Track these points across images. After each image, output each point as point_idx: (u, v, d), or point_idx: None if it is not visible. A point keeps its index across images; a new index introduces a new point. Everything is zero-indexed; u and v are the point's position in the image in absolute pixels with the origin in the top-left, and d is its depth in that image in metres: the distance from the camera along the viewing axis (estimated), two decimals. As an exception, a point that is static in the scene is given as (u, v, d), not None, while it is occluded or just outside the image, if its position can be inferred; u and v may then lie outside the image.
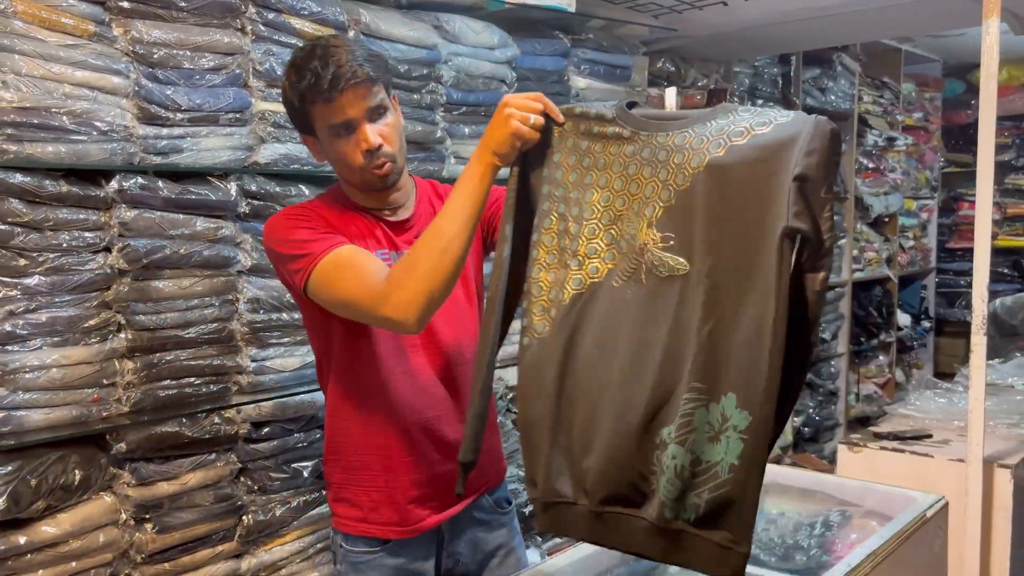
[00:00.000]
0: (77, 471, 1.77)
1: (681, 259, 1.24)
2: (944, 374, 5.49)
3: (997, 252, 5.31)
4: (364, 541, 1.68)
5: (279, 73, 2.05)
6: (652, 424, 1.24)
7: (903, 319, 5.32)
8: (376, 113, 1.54)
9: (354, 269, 1.48)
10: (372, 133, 1.53)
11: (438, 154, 2.43)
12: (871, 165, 4.85)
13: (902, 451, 2.70)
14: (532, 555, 2.75)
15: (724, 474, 1.19)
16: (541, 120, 1.37)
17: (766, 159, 1.18)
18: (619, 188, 1.32)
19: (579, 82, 2.83)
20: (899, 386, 5.24)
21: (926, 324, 5.62)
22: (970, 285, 5.59)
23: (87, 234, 1.80)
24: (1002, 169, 5.55)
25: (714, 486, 1.19)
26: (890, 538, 1.90)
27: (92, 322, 1.81)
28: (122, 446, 1.83)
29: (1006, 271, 5.58)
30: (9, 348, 1.71)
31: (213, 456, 1.99)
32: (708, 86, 3.60)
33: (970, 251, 5.55)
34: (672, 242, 1.25)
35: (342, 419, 1.69)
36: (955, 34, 4.48)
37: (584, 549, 1.77)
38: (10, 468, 1.68)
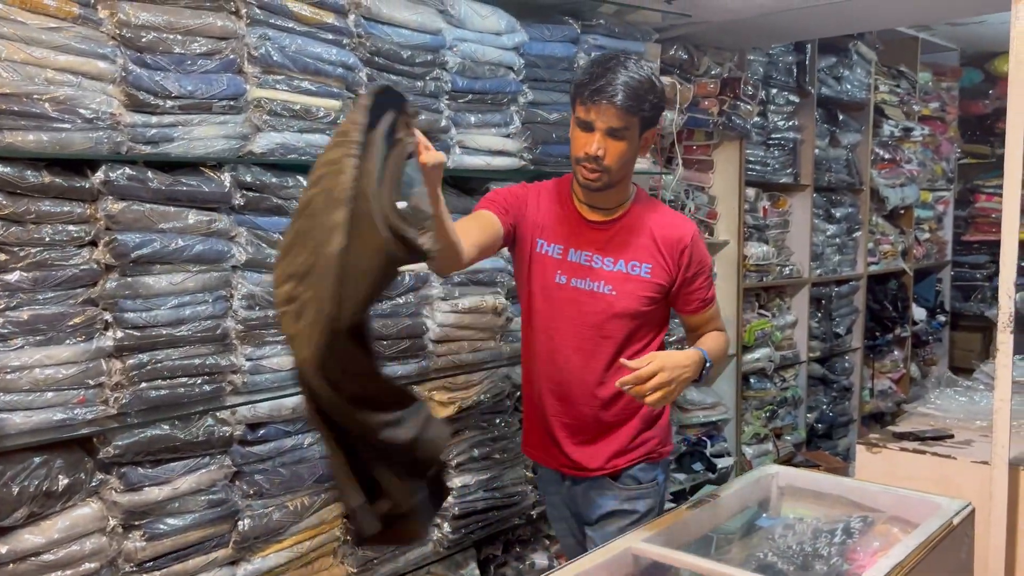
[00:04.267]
0: (61, 476, 1.69)
1: None
2: (960, 369, 5.40)
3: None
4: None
5: (275, 59, 1.97)
6: None
7: (918, 313, 5.22)
8: (615, 133, 1.78)
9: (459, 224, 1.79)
10: (599, 143, 1.78)
11: (443, 143, 2.33)
12: (887, 156, 4.74)
13: (923, 452, 2.61)
14: (540, 558, 2.67)
15: None
16: None
17: None
18: None
19: (589, 69, 2.73)
20: (914, 381, 5.15)
21: (941, 318, 5.52)
22: (986, 279, 5.54)
23: (71, 227, 1.72)
24: None
25: None
26: (916, 547, 1.81)
27: (77, 320, 1.73)
28: (109, 450, 1.76)
29: (1026, 265, 5.47)
30: (-11, 347, 1.63)
31: (206, 459, 1.91)
32: (722, 75, 3.50)
33: (986, 244, 5.51)
34: None
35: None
36: (973, 22, 4.37)
37: (595, 557, 1.70)
38: (-10, 474, 1.60)
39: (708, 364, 1.82)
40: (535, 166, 2.57)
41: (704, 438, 3.61)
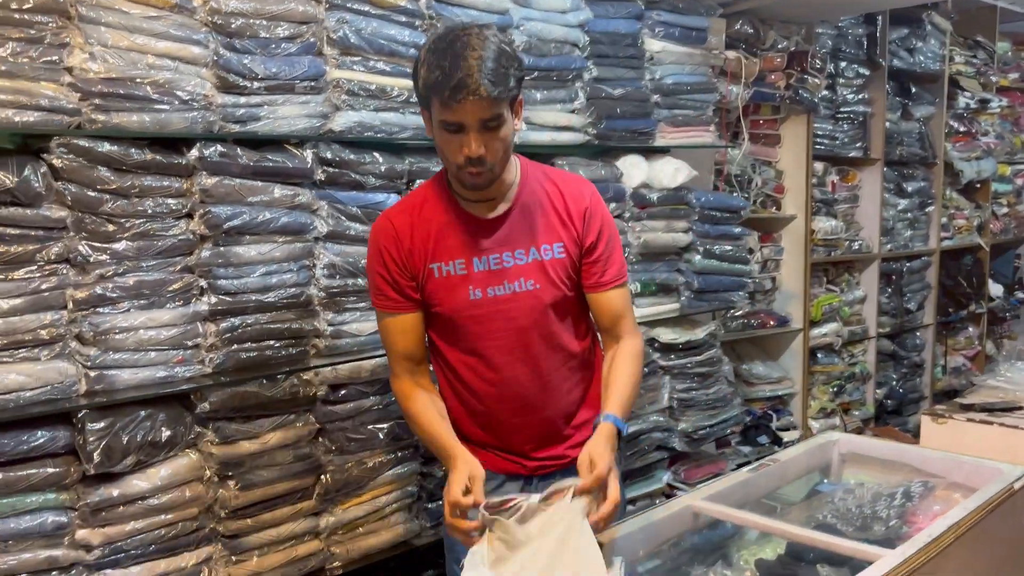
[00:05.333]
0: (164, 429, 1.85)
1: None
2: (1039, 347, 5.27)
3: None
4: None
5: (352, 41, 2.08)
6: None
7: (995, 289, 5.10)
8: (489, 124, 1.51)
9: (386, 343, 1.71)
10: (477, 143, 1.51)
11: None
12: (962, 129, 4.64)
13: (990, 423, 2.60)
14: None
15: None
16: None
17: None
18: None
19: (654, 45, 2.78)
20: (990, 359, 5.04)
21: (1020, 294, 5.38)
22: (1069, 253, 5.36)
23: (170, 201, 1.86)
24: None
25: None
26: (974, 510, 1.83)
27: (176, 286, 1.88)
28: (205, 406, 1.90)
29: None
30: (100, 310, 1.79)
31: (292, 417, 2.05)
32: (789, 48, 3.50)
33: (1069, 218, 5.33)
34: None
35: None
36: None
37: (656, 512, 1.76)
38: (102, 424, 1.76)
39: (624, 433, 1.60)
40: (599, 140, 2.63)
41: (770, 412, 3.64)
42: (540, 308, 1.66)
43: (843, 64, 3.87)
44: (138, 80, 1.78)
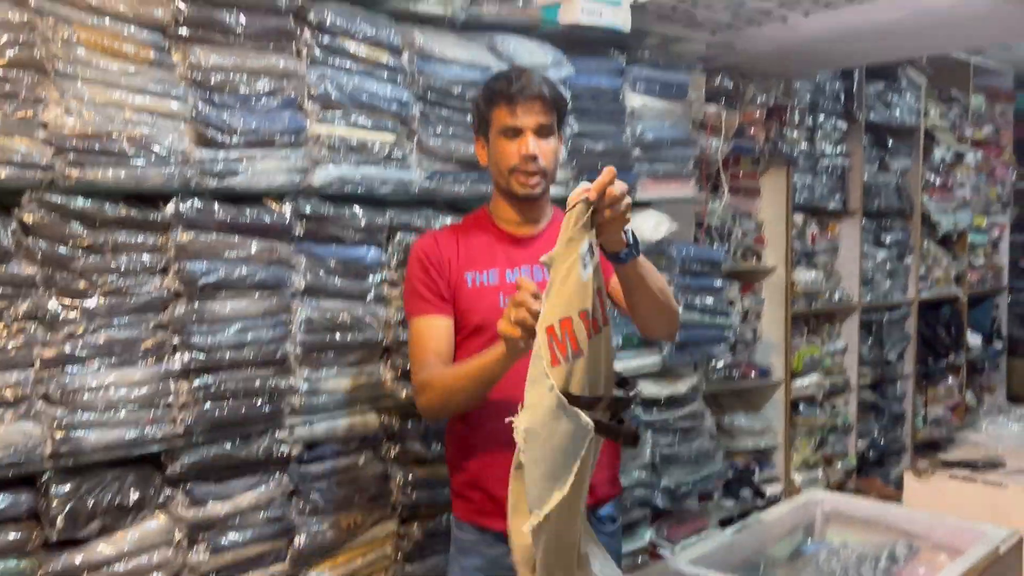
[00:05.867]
0: (132, 491, 1.79)
1: None
2: (1018, 397, 5.29)
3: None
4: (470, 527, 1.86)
5: (334, 96, 2.07)
6: None
7: (973, 340, 5.14)
8: (544, 131, 1.77)
9: (416, 347, 1.81)
10: (534, 144, 1.75)
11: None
12: (938, 181, 4.70)
13: (973, 480, 2.60)
14: None
15: None
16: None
17: None
18: None
19: (635, 100, 2.80)
20: (970, 410, 5.05)
21: (998, 345, 5.42)
22: (1046, 305, 5.42)
23: (145, 256, 1.83)
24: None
25: None
26: (960, 575, 1.82)
27: (149, 343, 1.84)
28: (177, 467, 1.85)
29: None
30: (69, 369, 1.74)
31: (266, 477, 2.00)
32: (768, 102, 3.54)
33: (1044, 270, 5.40)
34: None
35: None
36: (1027, 45, 4.33)
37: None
38: (68, 487, 1.71)
39: (636, 253, 1.60)
40: (582, 195, 2.63)
41: (752, 465, 3.61)
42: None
43: (821, 118, 3.92)
44: (114, 135, 1.76)
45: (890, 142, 4.37)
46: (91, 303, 1.76)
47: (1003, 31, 3.20)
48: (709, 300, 3.03)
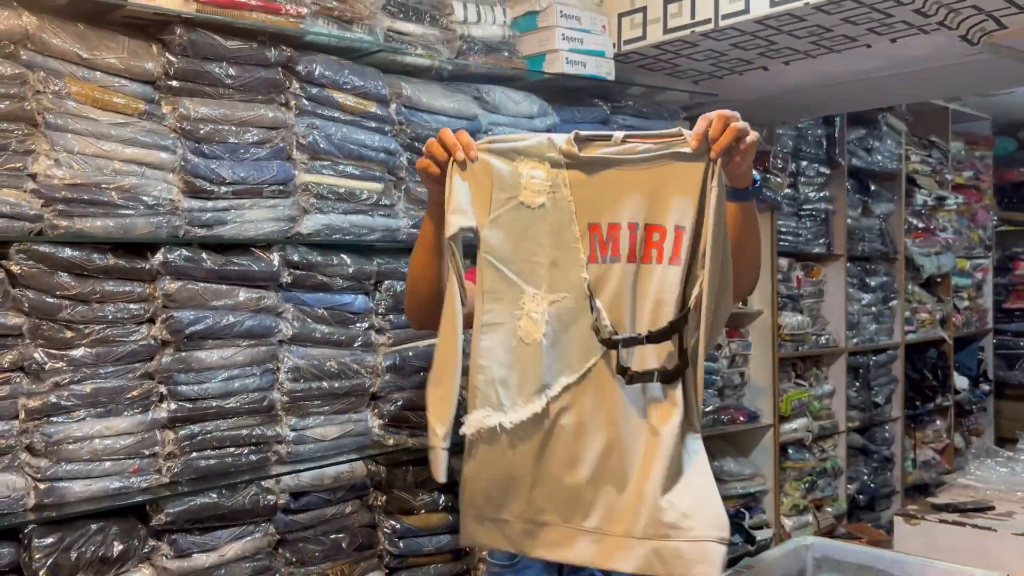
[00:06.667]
0: (117, 543, 1.77)
1: None
2: (1006, 439, 5.29)
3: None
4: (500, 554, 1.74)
5: (322, 146, 2.10)
6: None
7: (960, 382, 5.16)
8: None
9: None
10: None
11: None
12: (921, 225, 4.77)
13: (963, 524, 2.59)
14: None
15: None
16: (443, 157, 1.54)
17: None
18: None
19: (619, 148, 2.83)
20: (958, 452, 5.06)
21: (985, 387, 5.44)
22: (1030, 347, 5.46)
23: (132, 306, 1.83)
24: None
25: None
26: (951, 621, 1.81)
27: (135, 393, 1.83)
28: (161, 517, 1.83)
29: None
30: (54, 419, 1.74)
31: (251, 527, 1.98)
32: (750, 149, 3.58)
33: (1029, 311, 5.46)
34: None
35: None
36: (1004, 93, 4.42)
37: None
38: (51, 540, 1.69)
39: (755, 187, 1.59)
40: (568, 241, 2.65)
41: (742, 510, 3.59)
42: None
43: (804, 163, 3.98)
44: (103, 186, 1.78)
45: (872, 187, 4.43)
46: (77, 353, 1.76)
47: (977, 82, 3.27)
48: (696, 345, 3.04)
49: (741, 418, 3.60)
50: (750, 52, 2.63)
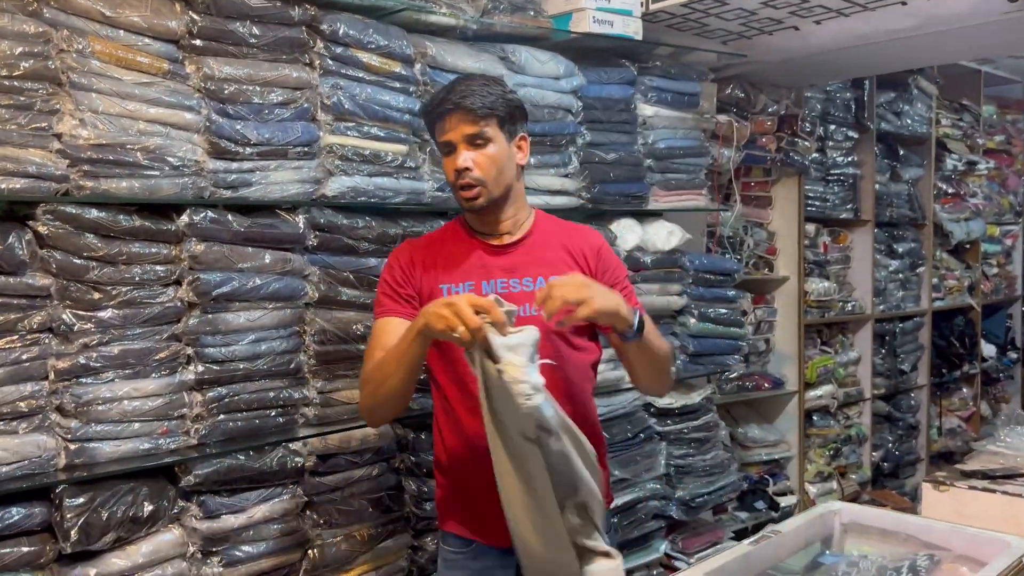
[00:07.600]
0: (146, 503, 1.78)
1: None
2: (1033, 407, 5.24)
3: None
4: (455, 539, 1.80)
5: (347, 107, 2.07)
6: None
7: (988, 350, 5.10)
8: (474, 140, 1.70)
9: (369, 345, 1.76)
10: (464, 156, 1.69)
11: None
12: (950, 190, 4.68)
13: (993, 491, 2.56)
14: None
15: None
16: (467, 337, 1.44)
17: None
18: None
19: (646, 110, 2.79)
20: (985, 420, 5.01)
21: (1013, 355, 5.37)
22: (1061, 314, 5.38)
23: (158, 267, 1.83)
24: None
25: None
26: (985, 586, 1.78)
27: (162, 354, 1.83)
28: (190, 479, 1.84)
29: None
30: (83, 380, 1.74)
31: (279, 489, 1.98)
32: (779, 112, 3.53)
33: (1060, 278, 5.38)
34: None
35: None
36: (1038, 54, 4.32)
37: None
38: (82, 500, 1.70)
39: (640, 315, 1.65)
40: (593, 204, 2.63)
41: (766, 476, 3.58)
42: (544, 334, 1.58)
43: (832, 127, 3.91)
44: (128, 146, 1.76)
45: (901, 151, 4.35)
46: (105, 314, 1.76)
47: (1015, 41, 3.18)
48: (722, 311, 3.01)
49: (766, 384, 3.57)
50: (781, 11, 2.57)
